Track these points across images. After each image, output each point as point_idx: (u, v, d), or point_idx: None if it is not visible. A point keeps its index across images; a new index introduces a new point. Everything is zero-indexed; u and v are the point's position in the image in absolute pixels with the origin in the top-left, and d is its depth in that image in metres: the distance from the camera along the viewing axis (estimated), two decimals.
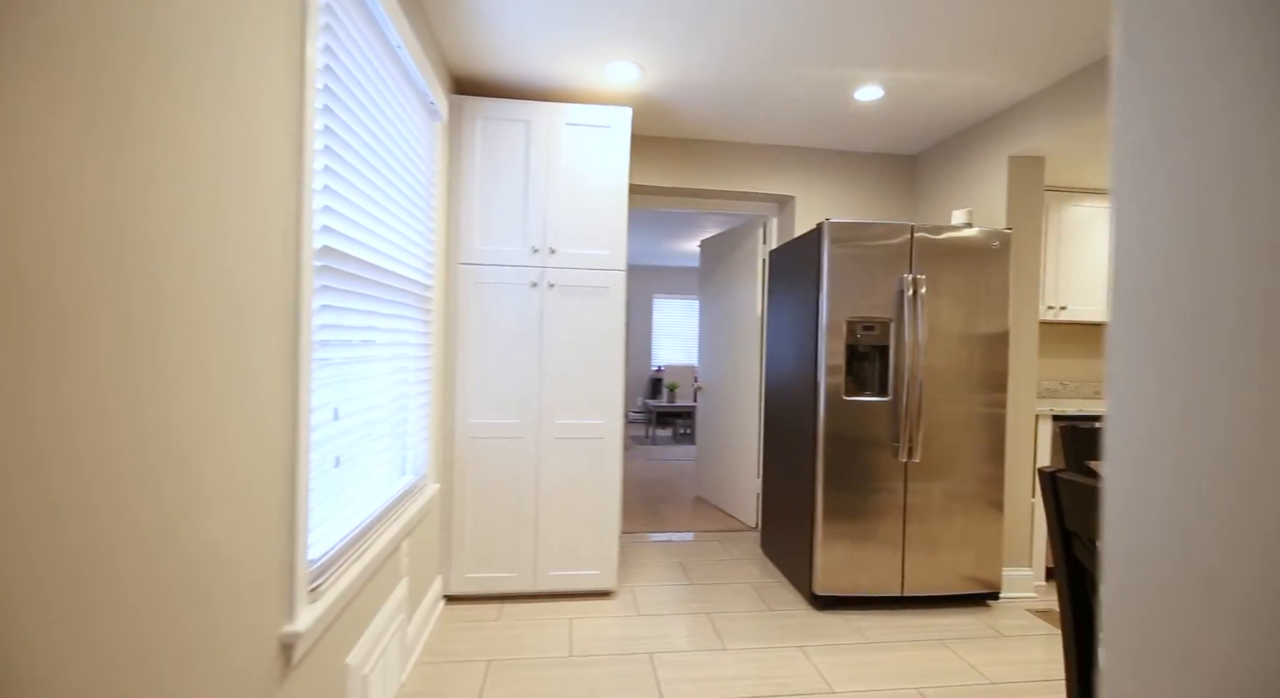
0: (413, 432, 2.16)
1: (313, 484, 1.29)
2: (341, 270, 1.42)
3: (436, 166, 2.31)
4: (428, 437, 2.28)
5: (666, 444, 7.02)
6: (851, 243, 2.57)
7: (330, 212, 1.34)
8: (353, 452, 1.58)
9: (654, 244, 7.02)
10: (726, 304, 4.10)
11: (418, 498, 2.11)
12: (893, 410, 2.59)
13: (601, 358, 2.61)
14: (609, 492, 2.61)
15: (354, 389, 1.59)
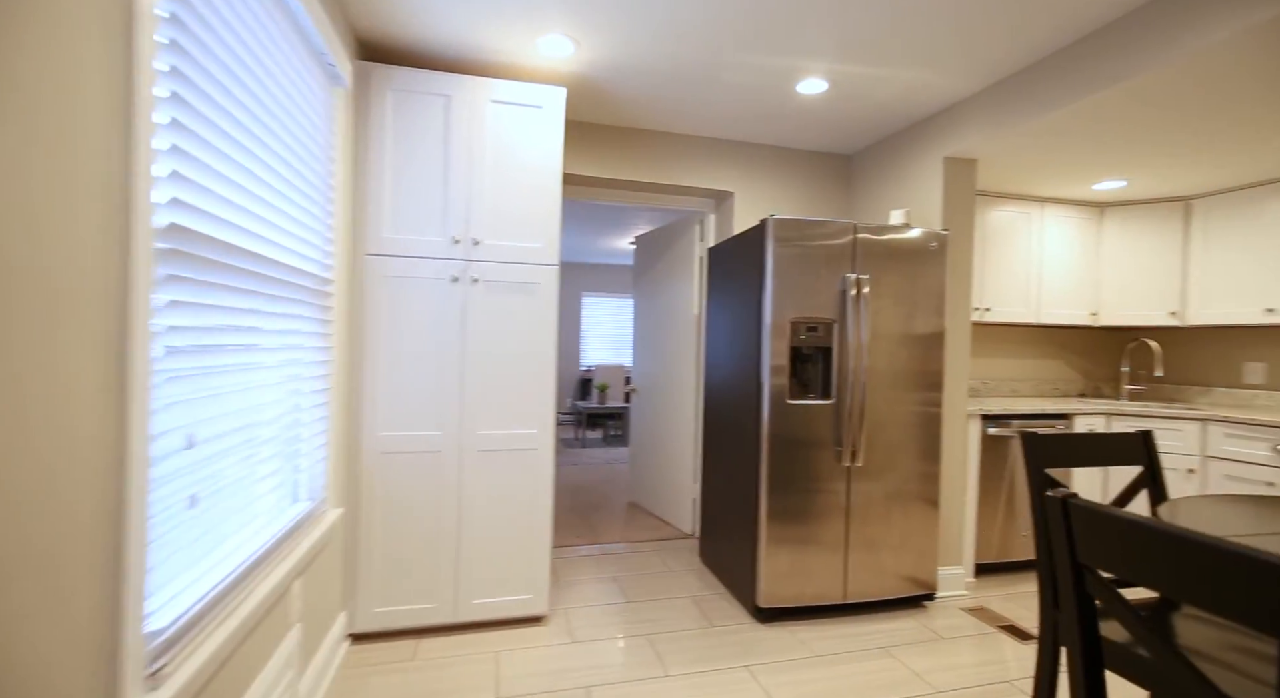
0: (308, 451, 1.84)
1: (155, 535, 0.99)
2: (201, 256, 1.11)
3: (338, 140, 1.99)
4: (327, 455, 1.96)
5: (597, 447, 6.82)
6: (795, 241, 2.48)
7: (182, 180, 1.04)
8: (222, 483, 1.27)
9: (584, 240, 6.79)
10: (662, 302, 3.95)
11: (314, 528, 1.79)
12: (836, 413, 2.53)
13: (532, 362, 2.38)
14: (540, 508, 2.38)
15: (226, 405, 1.28)
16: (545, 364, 2.39)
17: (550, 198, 2.39)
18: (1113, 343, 3.95)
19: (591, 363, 8.70)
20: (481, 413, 2.32)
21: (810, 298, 2.50)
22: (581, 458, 6.12)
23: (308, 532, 1.75)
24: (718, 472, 2.96)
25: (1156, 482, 1.52)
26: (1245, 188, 3.13)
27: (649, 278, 4.14)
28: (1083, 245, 3.52)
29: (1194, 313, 3.32)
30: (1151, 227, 3.43)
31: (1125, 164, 2.88)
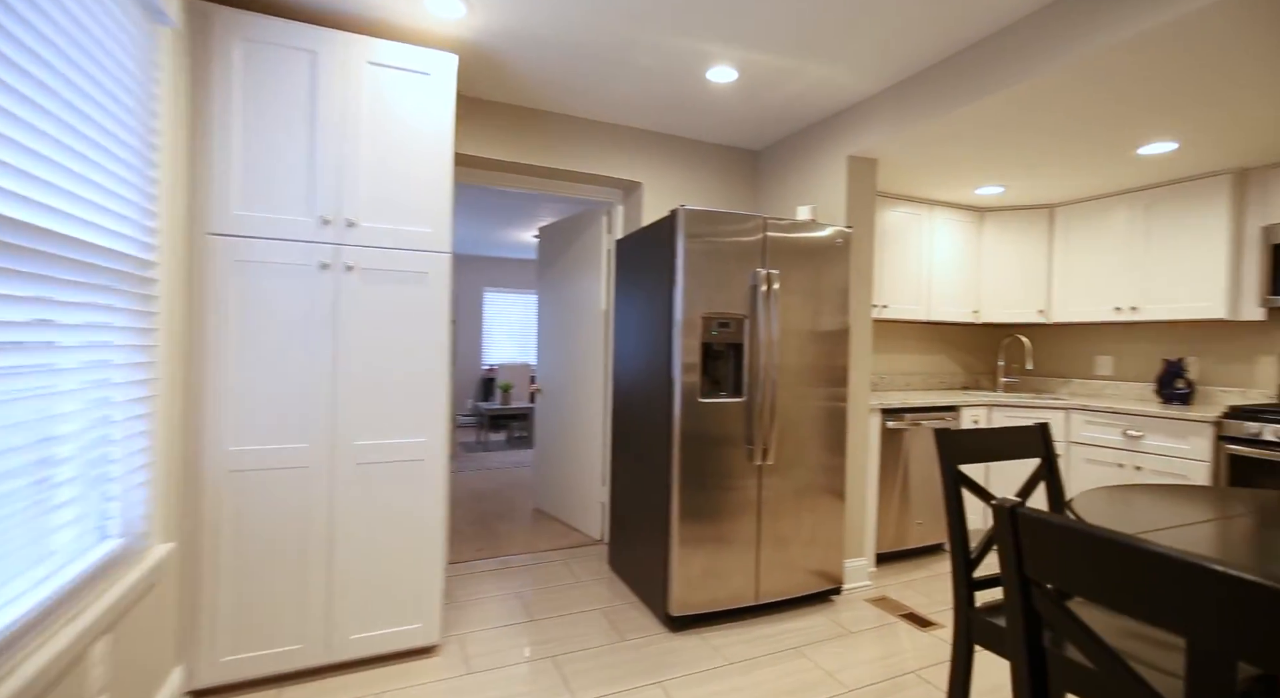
0: (123, 474, 1.48)
1: None
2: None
3: (163, 91, 1.62)
4: (150, 479, 1.60)
5: (500, 450, 6.48)
6: (706, 234, 2.39)
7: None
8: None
9: (485, 231, 6.42)
10: (568, 297, 3.76)
11: (129, 571, 1.44)
12: (747, 411, 2.47)
13: (420, 361, 2.10)
14: (431, 524, 2.12)
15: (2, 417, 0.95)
16: (436, 364, 2.13)
17: (440, 178, 2.12)
18: (991, 339, 4.27)
19: (495, 361, 8.30)
20: (359, 421, 2.02)
21: (721, 293, 2.42)
22: (484, 462, 5.78)
23: (119, 576, 1.40)
24: (627, 474, 2.82)
25: (1053, 473, 1.56)
26: (1096, 198, 3.45)
27: (554, 271, 3.93)
28: (966, 247, 3.75)
29: (1057, 311, 3.63)
30: (1023, 231, 3.72)
31: (1003, 171, 3.07)
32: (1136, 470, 2.92)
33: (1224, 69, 1.96)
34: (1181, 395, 3.14)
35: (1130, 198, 3.29)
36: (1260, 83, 2.05)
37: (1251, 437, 2.57)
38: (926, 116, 2.42)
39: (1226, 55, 1.87)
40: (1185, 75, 2.01)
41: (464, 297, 8.11)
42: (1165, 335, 3.38)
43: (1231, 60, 1.90)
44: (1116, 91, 2.14)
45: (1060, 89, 2.12)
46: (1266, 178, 2.83)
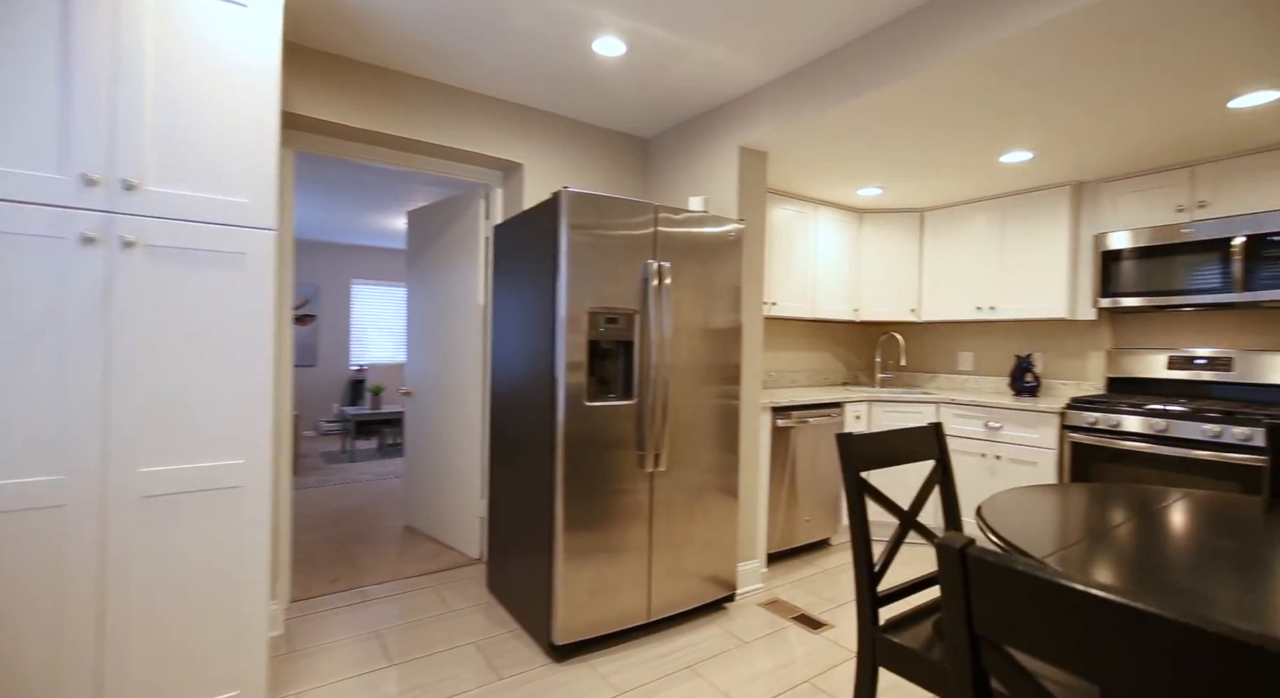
0: None
1: None
2: None
3: None
4: None
5: (370, 459, 5.84)
6: (593, 221, 2.16)
7: None
8: None
9: (351, 216, 5.74)
10: (441, 289, 3.37)
11: None
12: (638, 414, 2.28)
13: (237, 364, 1.68)
14: (251, 564, 1.70)
15: None
16: (258, 367, 1.71)
17: (261, 137, 1.71)
18: (869, 336, 4.45)
19: (365, 361, 7.52)
20: (147, 443, 1.56)
21: (610, 286, 2.21)
22: (349, 474, 5.15)
23: None
24: (508, 484, 2.53)
25: (948, 475, 1.52)
26: (961, 204, 3.68)
27: (425, 261, 3.51)
28: (847, 247, 3.85)
29: (927, 310, 3.83)
30: (897, 233, 3.89)
31: (882, 172, 3.15)
32: (997, 460, 3.12)
33: (1064, 86, 2.07)
34: (1030, 388, 3.41)
35: (989, 205, 3.53)
36: (1094, 101, 2.20)
37: (1089, 426, 2.81)
38: (813, 111, 2.37)
39: (1066, 72, 1.96)
40: (1034, 88, 2.10)
41: (329, 289, 7.26)
42: (1017, 333, 3.68)
43: (1071, 77, 2.00)
44: (980, 100, 2.20)
45: (933, 92, 2.14)
46: (1098, 191, 3.13)
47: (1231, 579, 0.99)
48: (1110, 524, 1.24)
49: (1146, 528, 1.22)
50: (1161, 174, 2.91)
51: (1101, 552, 1.10)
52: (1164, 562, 1.07)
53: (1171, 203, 2.88)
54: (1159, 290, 2.86)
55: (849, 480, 1.29)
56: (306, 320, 7.08)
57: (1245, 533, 1.20)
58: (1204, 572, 1.02)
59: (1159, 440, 2.60)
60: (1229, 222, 2.65)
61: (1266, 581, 0.99)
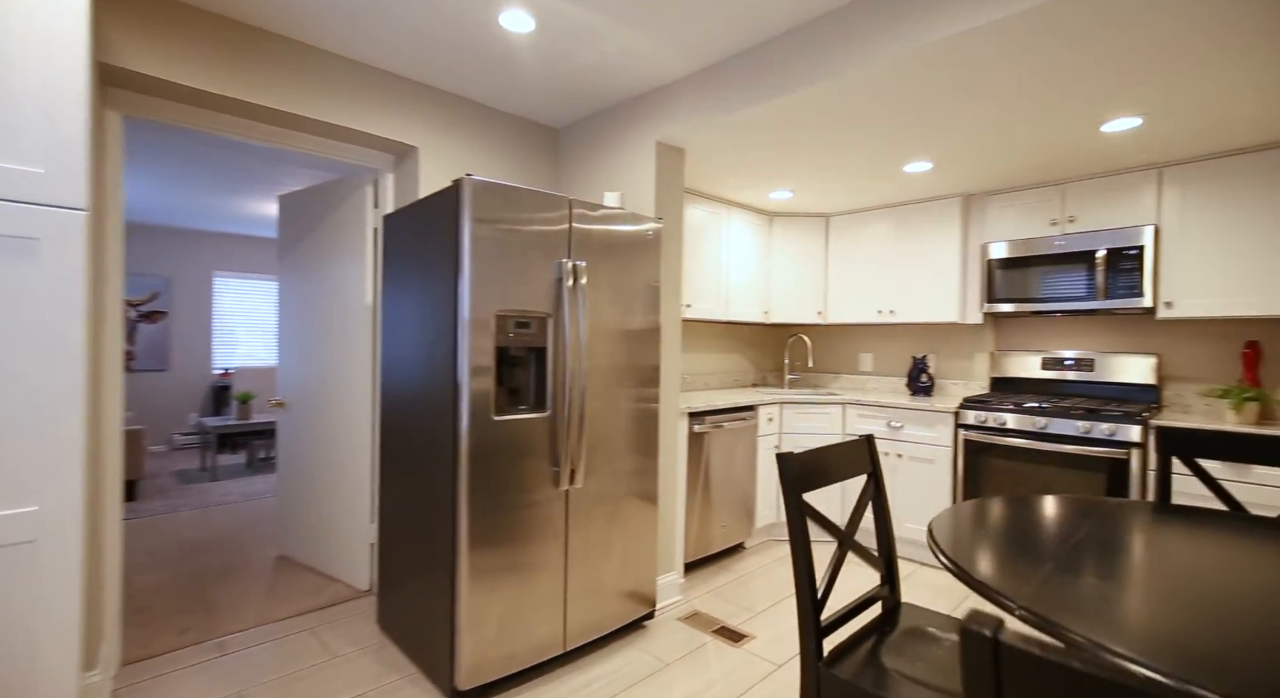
0: None
1: None
2: None
3: None
4: None
5: (237, 477, 5.14)
6: (501, 215, 1.94)
7: None
8: None
9: (212, 199, 5.00)
10: (321, 286, 2.96)
11: None
12: (552, 427, 2.09)
13: (28, 383, 1.29)
14: (55, 633, 1.32)
15: None
16: (63, 383, 1.33)
17: (63, 89, 1.33)
18: (778, 337, 4.53)
19: (230, 364, 6.65)
20: None
21: (520, 287, 2.00)
22: (209, 496, 4.48)
23: None
24: (403, 506, 2.24)
25: (880, 490, 1.47)
26: (861, 211, 3.81)
27: (302, 252, 3.07)
28: (758, 250, 3.86)
29: (832, 312, 3.94)
30: (804, 237, 3.96)
31: (795, 176, 3.17)
32: (899, 458, 3.24)
33: (966, 99, 2.14)
34: (925, 388, 3.60)
35: (889, 213, 3.68)
36: (988, 116, 2.30)
37: (979, 424, 2.99)
38: (732, 108, 2.30)
39: (971, 84, 2.03)
40: (941, 98, 2.16)
41: (185, 282, 6.32)
42: (913, 335, 3.87)
43: (973, 90, 2.08)
44: (892, 106, 2.24)
45: (849, 96, 2.14)
46: (984, 203, 3.35)
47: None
48: (1062, 547, 1.24)
49: (1100, 553, 1.23)
50: (1038, 190, 3.15)
51: (1085, 589, 1.07)
52: (1163, 601, 1.05)
53: (1046, 217, 3.12)
54: (1034, 297, 3.09)
55: (791, 504, 1.20)
56: (156, 317, 6.12)
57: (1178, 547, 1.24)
58: (1225, 621, 1.01)
59: (1038, 436, 2.81)
60: (1093, 235, 2.91)
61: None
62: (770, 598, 2.75)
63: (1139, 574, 1.07)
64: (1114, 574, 1.06)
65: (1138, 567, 1.10)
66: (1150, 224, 2.79)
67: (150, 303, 6.08)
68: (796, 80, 2.10)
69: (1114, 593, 0.98)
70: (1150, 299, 2.76)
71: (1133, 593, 0.99)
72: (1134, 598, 0.97)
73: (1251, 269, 2.55)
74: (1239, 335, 2.80)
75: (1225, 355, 2.83)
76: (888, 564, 1.43)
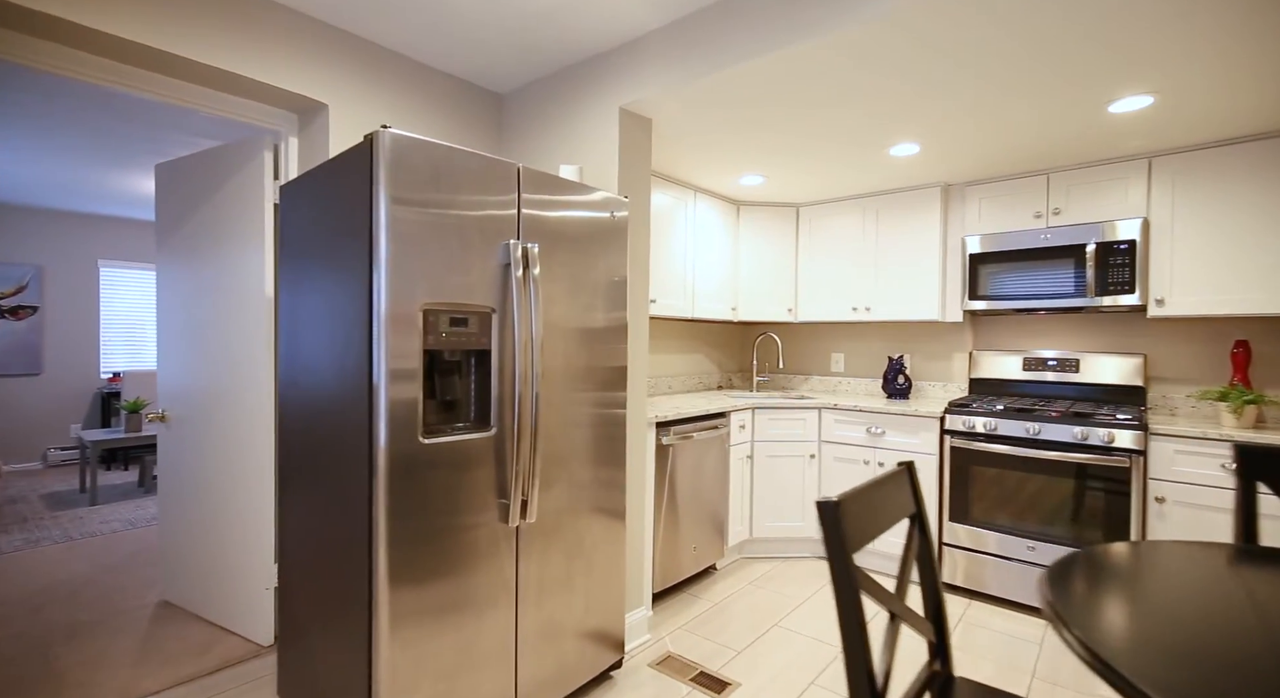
0: None
1: None
2: None
3: None
4: None
5: (126, 498, 4.42)
6: (427, 183, 1.52)
7: None
8: None
9: (91, 174, 4.25)
10: (210, 275, 2.42)
11: None
12: (499, 449, 1.68)
13: None
14: None
15: None
16: None
17: None
18: (744, 336, 4.23)
19: (121, 368, 5.81)
20: None
21: (455, 275, 1.58)
22: (86, 524, 3.77)
23: None
24: (309, 545, 1.78)
25: (924, 533, 1.16)
26: (835, 201, 3.57)
27: (186, 233, 2.52)
28: (726, 242, 3.55)
29: (803, 310, 3.68)
30: (773, 229, 3.68)
31: (768, 158, 2.86)
32: (880, 466, 3.00)
33: (968, 68, 1.89)
34: (902, 390, 3.38)
35: (864, 203, 3.44)
36: (985, 92, 2.06)
37: (966, 430, 2.78)
38: (705, 68, 1.96)
39: (980, 48, 1.77)
40: (929, 70, 1.89)
41: (61, 272, 5.44)
42: (889, 334, 3.66)
43: (978, 59, 1.82)
44: (877, 78, 1.95)
45: (831, 63, 1.84)
46: (964, 194, 3.15)
47: None
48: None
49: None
50: (1024, 180, 2.97)
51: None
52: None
53: (1030, 208, 2.94)
54: (1018, 294, 2.91)
55: (842, 573, 0.85)
56: (21, 314, 5.24)
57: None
58: None
59: (1031, 443, 2.61)
60: (1081, 228, 2.74)
61: None
62: (752, 631, 2.43)
63: None
64: None
65: None
66: (1139, 217, 2.64)
67: (15, 296, 5.19)
68: (777, 38, 1.79)
69: None
70: (1140, 296, 2.61)
71: None
72: None
73: (1244, 265, 2.43)
74: (1228, 335, 2.70)
75: (1212, 356, 2.73)
76: (938, 628, 1.12)
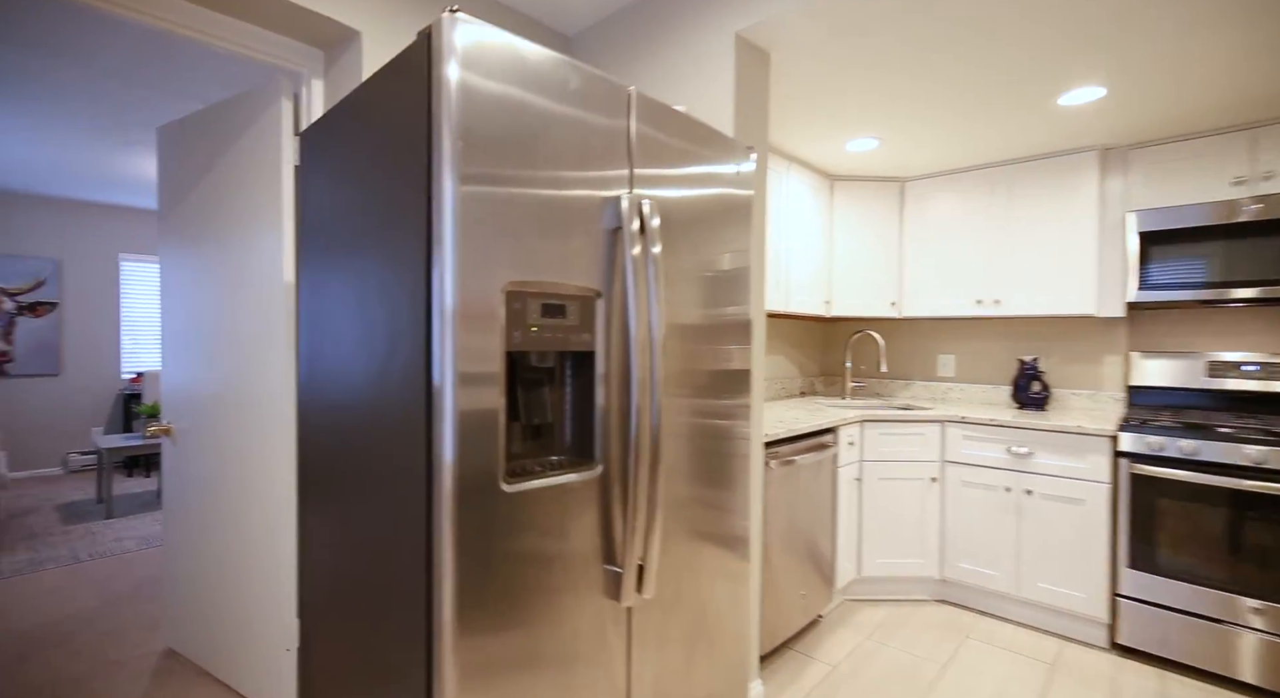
0: None
1: None
2: None
3: None
4: None
5: (144, 510, 4.05)
6: (514, 107, 1.01)
7: None
8: None
9: (100, 154, 3.88)
10: (219, 259, 1.97)
11: None
12: (603, 493, 1.17)
13: None
14: None
15: None
16: None
17: None
18: (836, 335, 3.67)
19: (142, 367, 5.49)
20: None
21: (549, 240, 1.08)
22: (97, 542, 3.40)
23: None
24: (340, 608, 1.30)
25: None
26: (951, 173, 2.99)
27: (192, 208, 2.07)
28: (819, 221, 3.01)
29: (910, 304, 3.11)
30: (874, 207, 3.12)
31: (891, 113, 2.32)
32: (1026, 495, 2.43)
33: None
34: (1038, 400, 2.80)
35: (990, 174, 2.86)
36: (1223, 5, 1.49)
37: (1154, 453, 2.19)
38: None
39: None
40: None
41: (81, 266, 5.14)
42: (1014, 332, 3.07)
43: None
44: None
45: None
46: (1127, 159, 2.56)
47: None
48: None
49: None
50: (1214, 138, 2.37)
51: None
52: None
53: (1226, 174, 2.34)
54: (1209, 281, 2.31)
55: None
56: (41, 310, 4.93)
57: None
58: None
59: (1253, 473, 2.02)
60: None
61: None
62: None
63: None
64: None
65: None
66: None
67: (34, 291, 4.89)
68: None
69: None
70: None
71: None
72: None
73: None
74: None
75: None
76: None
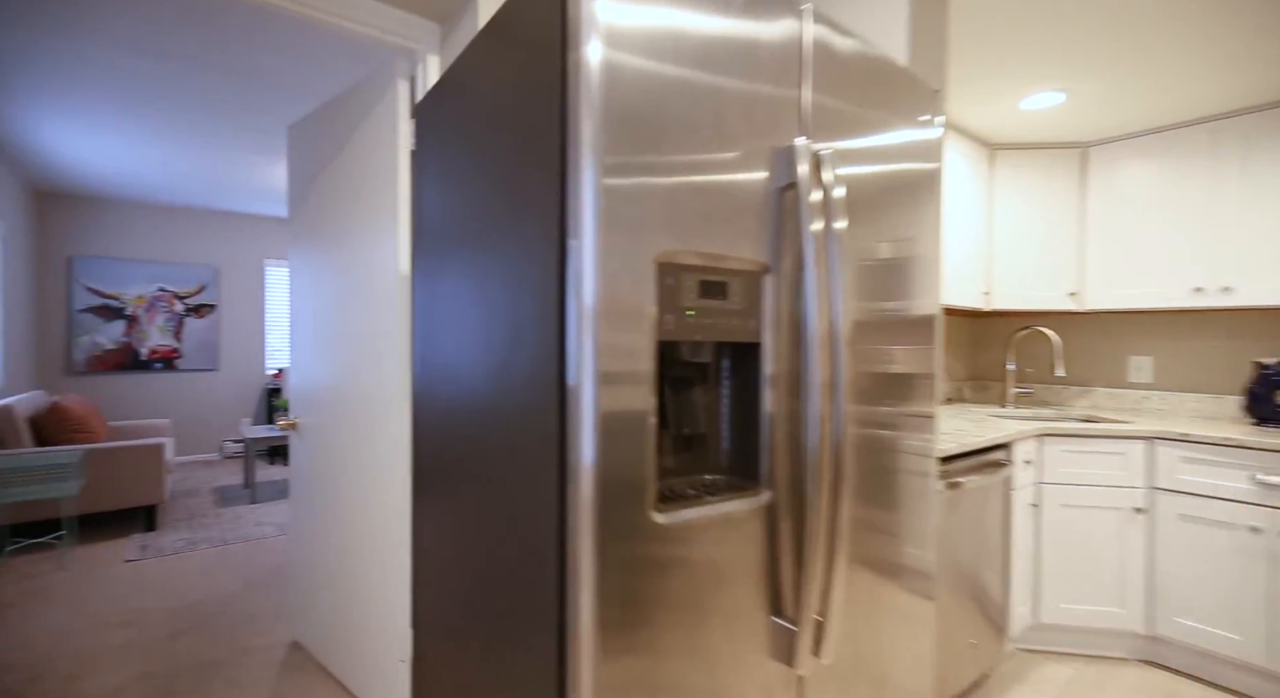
0: None
1: None
2: None
3: None
4: None
5: (282, 496, 4.34)
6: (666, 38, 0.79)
7: None
8: None
9: (248, 171, 4.20)
10: (339, 254, 1.94)
11: None
12: (769, 526, 0.93)
13: None
14: None
15: None
16: None
17: None
18: (995, 331, 3.16)
19: (282, 364, 5.96)
20: None
21: (706, 199, 0.85)
22: (242, 525, 3.64)
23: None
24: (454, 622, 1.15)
25: None
26: (1157, 131, 2.43)
27: (314, 205, 2.07)
28: (977, 200, 2.57)
29: (1095, 293, 2.58)
30: (1046, 180, 2.62)
31: (1093, 55, 1.87)
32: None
33: None
34: None
35: (1213, 129, 2.29)
36: None
37: None
38: None
39: None
40: None
41: (234, 272, 5.66)
42: (1248, 328, 2.44)
43: None
44: None
45: None
46: None
47: None
48: None
49: None
50: None
51: None
52: None
53: None
54: None
55: None
56: (203, 311, 5.48)
57: None
58: None
59: None
60: None
61: None
62: None
63: None
64: None
65: None
66: None
67: (198, 295, 5.44)
68: None
69: None
70: None
71: None
72: None
73: None
74: None
75: None
76: None
